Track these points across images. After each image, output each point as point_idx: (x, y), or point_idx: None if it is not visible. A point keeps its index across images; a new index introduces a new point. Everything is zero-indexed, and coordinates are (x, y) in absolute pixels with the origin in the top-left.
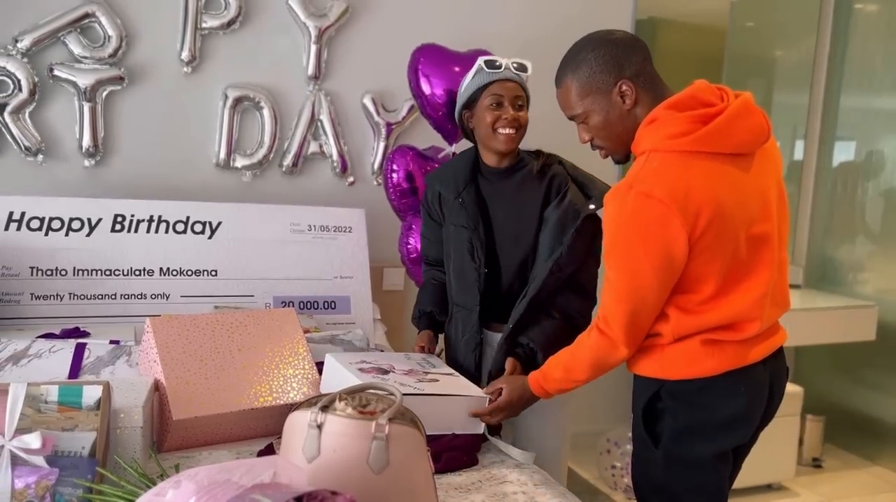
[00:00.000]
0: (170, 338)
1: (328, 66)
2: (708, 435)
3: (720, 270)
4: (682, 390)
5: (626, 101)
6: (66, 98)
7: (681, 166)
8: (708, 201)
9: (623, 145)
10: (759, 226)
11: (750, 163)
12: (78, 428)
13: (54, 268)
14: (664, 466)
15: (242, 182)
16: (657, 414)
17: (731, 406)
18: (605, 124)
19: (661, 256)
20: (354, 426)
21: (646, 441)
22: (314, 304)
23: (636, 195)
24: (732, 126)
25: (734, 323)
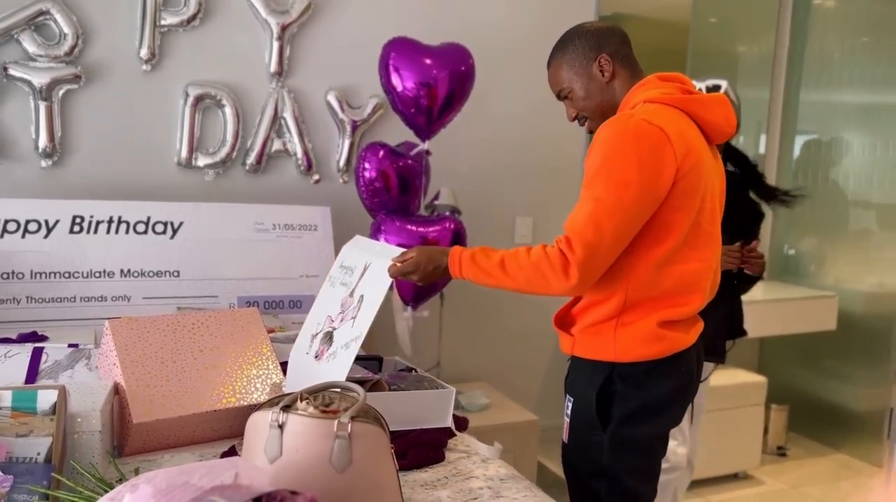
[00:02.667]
0: (129, 341)
1: (291, 63)
2: (654, 417)
3: (687, 223)
4: (631, 373)
5: (604, 73)
6: (21, 97)
7: (674, 114)
8: (694, 149)
9: (602, 115)
10: (714, 202)
11: (714, 154)
12: (33, 433)
13: (10, 272)
14: (610, 449)
15: (205, 181)
16: (609, 397)
17: (670, 387)
18: (586, 95)
19: (651, 176)
20: (316, 425)
21: (594, 424)
22: (279, 304)
23: (638, 121)
24: (711, 104)
25: (682, 293)
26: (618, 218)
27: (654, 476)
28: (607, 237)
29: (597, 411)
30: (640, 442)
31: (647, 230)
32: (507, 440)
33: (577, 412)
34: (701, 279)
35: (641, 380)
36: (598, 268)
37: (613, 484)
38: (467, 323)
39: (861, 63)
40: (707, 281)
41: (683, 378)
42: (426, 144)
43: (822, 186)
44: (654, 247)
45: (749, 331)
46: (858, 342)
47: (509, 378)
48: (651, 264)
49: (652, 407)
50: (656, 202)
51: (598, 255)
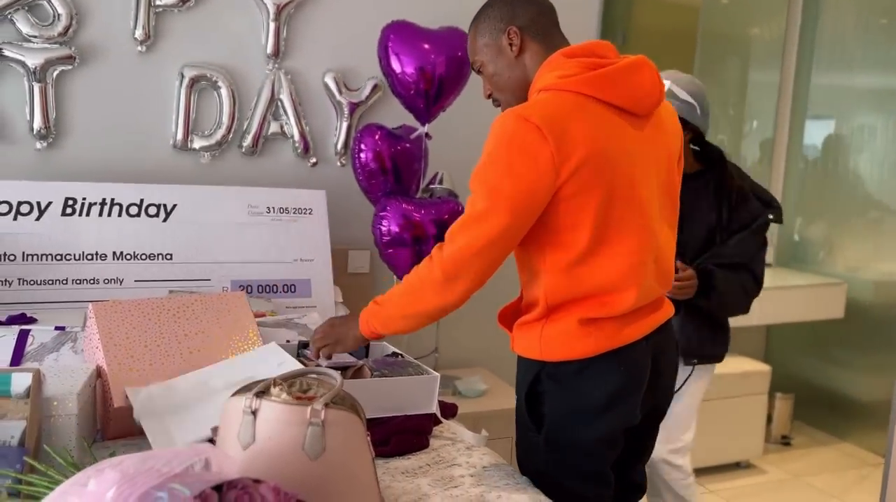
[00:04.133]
0: (113, 324)
1: (288, 45)
2: (588, 420)
3: (593, 221)
4: (560, 372)
5: (512, 48)
6: (15, 78)
7: (566, 102)
8: (586, 140)
9: (514, 97)
10: (639, 189)
11: (643, 125)
12: (6, 417)
13: (2, 254)
14: (546, 451)
15: (201, 164)
16: (538, 397)
17: (608, 387)
18: (495, 71)
19: (523, 185)
20: (289, 412)
21: (528, 425)
22: (273, 288)
23: (515, 117)
24: (619, 77)
25: (607, 292)
26: (489, 226)
27: (602, 480)
28: (477, 244)
29: (528, 411)
30: (577, 444)
31: (549, 233)
32: (504, 426)
33: (517, 411)
34: (629, 275)
35: (570, 381)
36: (467, 272)
37: (554, 487)
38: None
39: (875, 44)
40: (641, 275)
41: (624, 377)
42: (425, 127)
43: (833, 171)
44: (559, 251)
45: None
46: (866, 331)
47: (509, 364)
48: (561, 269)
49: (586, 408)
50: (535, 207)
51: (468, 263)
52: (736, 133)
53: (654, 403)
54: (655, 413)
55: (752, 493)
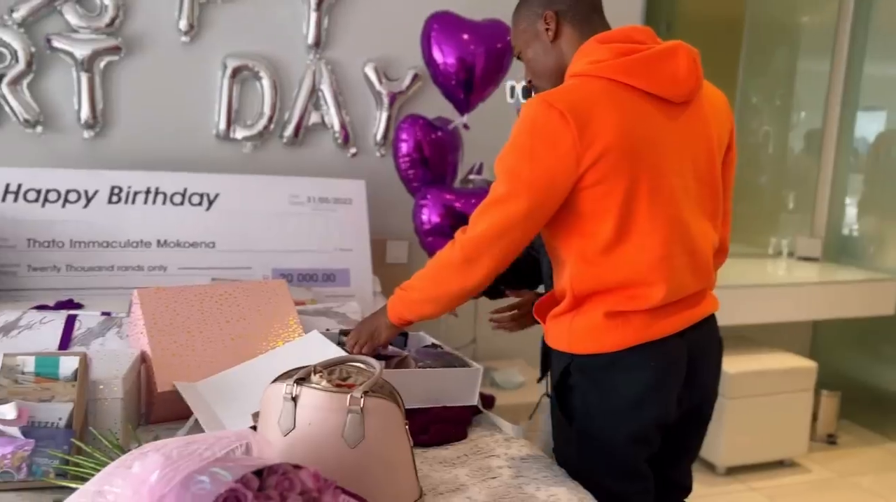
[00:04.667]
0: (157, 310)
1: (329, 35)
2: (617, 415)
3: (618, 211)
4: (588, 365)
5: (548, 32)
6: (63, 69)
7: (594, 88)
8: (612, 128)
9: (551, 83)
10: (670, 180)
11: (678, 114)
12: (55, 399)
13: (51, 240)
14: (579, 444)
15: (243, 153)
16: (569, 390)
17: (638, 382)
18: (533, 57)
19: (543, 170)
20: (329, 399)
21: (560, 418)
22: (313, 277)
23: (539, 102)
24: (652, 63)
25: (634, 285)
26: (508, 211)
27: (634, 476)
28: (496, 229)
29: (559, 404)
30: (607, 439)
31: (573, 222)
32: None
33: (550, 403)
34: (657, 269)
35: (600, 374)
36: (486, 258)
37: (589, 479)
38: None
39: None
40: (671, 269)
41: (657, 372)
42: (464, 118)
43: (884, 165)
44: (584, 240)
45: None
46: None
47: None
48: (586, 258)
49: (615, 403)
50: (555, 194)
51: (488, 246)
52: (782, 124)
53: (693, 403)
54: (697, 412)
55: (795, 492)
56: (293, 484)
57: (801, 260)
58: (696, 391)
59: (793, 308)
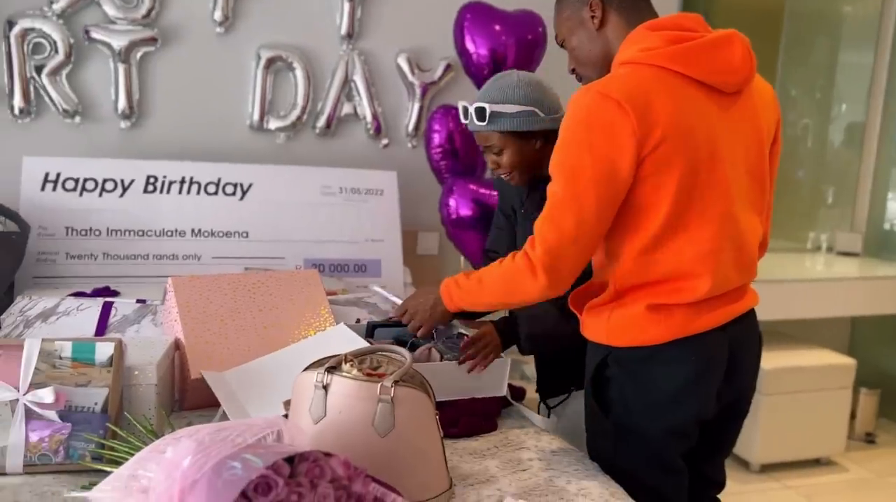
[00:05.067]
0: (190, 298)
1: (362, 25)
2: (655, 409)
3: (671, 203)
4: (627, 358)
5: (594, 20)
6: (101, 60)
7: (648, 76)
8: (667, 117)
9: (597, 71)
10: (722, 171)
11: (730, 104)
12: (91, 384)
13: (88, 229)
14: (614, 437)
15: (276, 144)
16: (605, 382)
17: (678, 376)
18: (578, 45)
19: (606, 163)
20: (359, 387)
21: (595, 410)
22: (344, 267)
23: (593, 94)
24: (705, 52)
25: (679, 278)
26: (576, 212)
27: (671, 470)
28: (567, 234)
29: (595, 396)
30: (645, 433)
31: (624, 215)
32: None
33: (585, 395)
34: (704, 262)
35: (638, 368)
36: (567, 266)
37: (623, 473)
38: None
39: None
40: (717, 263)
41: (698, 367)
42: None
43: None
44: (634, 234)
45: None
46: None
47: None
48: (634, 252)
49: (654, 397)
50: (620, 187)
51: (564, 254)
52: (822, 116)
53: (732, 397)
54: (735, 408)
55: (832, 491)
56: (324, 471)
57: (840, 255)
58: (734, 386)
59: (831, 304)
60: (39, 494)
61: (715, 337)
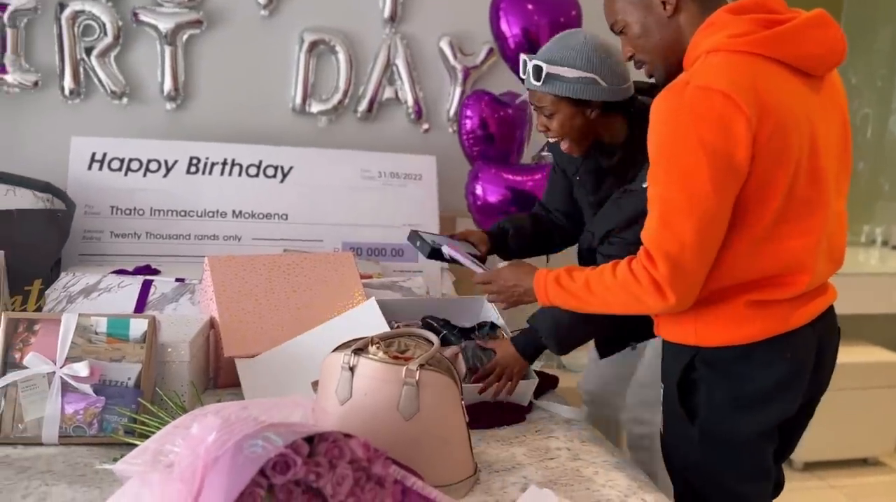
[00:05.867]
0: (226, 277)
1: (405, 9)
2: (749, 409)
3: (780, 196)
4: (718, 358)
5: (666, 6)
6: (148, 42)
7: (745, 63)
8: (776, 105)
9: (663, 59)
10: (822, 160)
11: (819, 88)
12: (125, 359)
13: (132, 208)
14: (702, 443)
15: (317, 127)
16: (692, 386)
17: (773, 375)
18: (643, 32)
19: (722, 158)
20: (385, 370)
21: (680, 416)
22: (382, 251)
23: (694, 89)
24: (801, 34)
25: (783, 273)
26: (694, 216)
27: (761, 474)
28: (689, 241)
29: (681, 401)
30: (734, 437)
31: (738, 209)
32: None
33: (665, 400)
34: (804, 256)
35: (729, 368)
36: (693, 276)
37: (710, 482)
38: None
39: None
40: (817, 255)
41: (790, 365)
42: None
43: None
44: (740, 231)
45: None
46: None
47: None
48: (739, 250)
49: (746, 398)
50: (738, 183)
51: (688, 264)
52: (883, 106)
53: (810, 396)
54: (809, 407)
55: (878, 492)
56: (343, 452)
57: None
58: (815, 384)
59: (884, 300)
60: (72, 465)
61: (806, 333)
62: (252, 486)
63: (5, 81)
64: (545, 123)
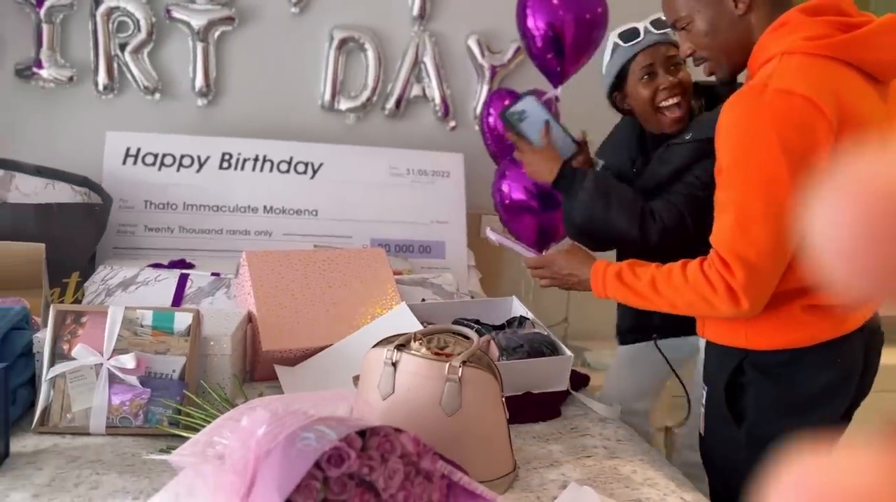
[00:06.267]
0: (263, 272)
1: (434, 6)
2: (797, 413)
3: None
4: (767, 362)
5: (738, 4)
6: (181, 38)
7: (822, 67)
8: (852, 110)
9: (728, 58)
10: None
11: (886, 92)
12: (169, 352)
13: (166, 202)
14: (748, 446)
15: (345, 124)
16: (740, 389)
17: (822, 380)
18: (710, 30)
19: (803, 162)
20: (428, 366)
21: (726, 419)
22: (409, 248)
23: (774, 92)
24: (876, 40)
25: None
26: (772, 222)
27: None
28: (767, 247)
29: (728, 403)
30: (784, 440)
31: None
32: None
33: (709, 403)
34: None
35: (780, 372)
36: (767, 282)
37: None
38: None
39: None
40: None
41: (840, 371)
42: (558, 90)
43: None
44: None
45: None
46: None
47: None
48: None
49: (794, 403)
50: None
51: (764, 271)
52: None
53: (852, 401)
54: (851, 411)
55: None
56: (394, 446)
57: None
58: (859, 388)
59: None
60: (120, 455)
61: (855, 338)
62: (308, 479)
63: (41, 76)
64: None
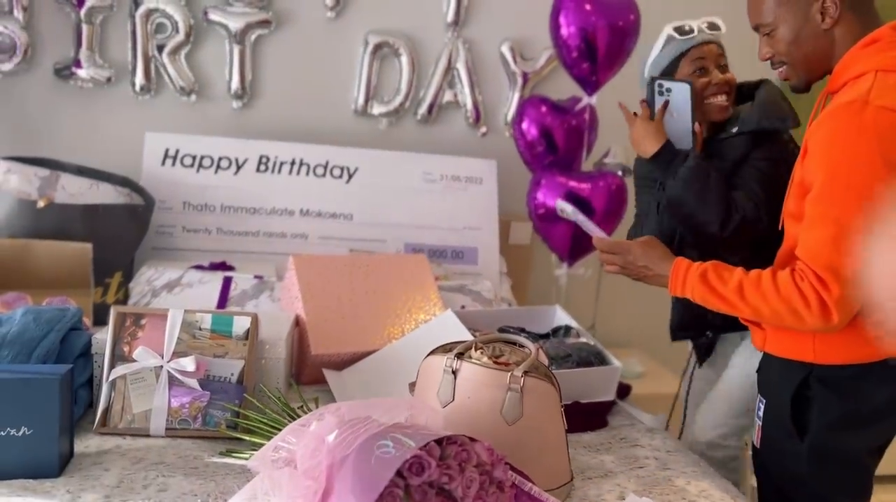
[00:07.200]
0: (311, 277)
1: (468, 13)
2: (862, 428)
3: None
4: (834, 376)
5: (825, 18)
6: (217, 41)
7: None
8: None
9: (806, 68)
10: None
11: None
12: (228, 355)
13: (204, 204)
14: (810, 460)
15: (378, 129)
16: (805, 403)
17: (886, 394)
18: (793, 39)
19: None
20: (489, 375)
21: (790, 432)
22: (442, 253)
23: (877, 110)
24: None
25: None
26: (871, 239)
27: (864, 493)
28: (861, 264)
29: (792, 417)
30: (844, 455)
31: None
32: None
33: (769, 416)
34: None
35: (846, 386)
36: (859, 300)
37: (814, 497)
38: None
39: None
40: None
41: None
42: (593, 98)
43: None
44: None
45: None
46: None
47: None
48: None
49: (859, 417)
50: None
51: (858, 288)
52: None
53: None
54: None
55: None
56: (470, 455)
57: None
58: None
59: None
60: (182, 457)
61: None
62: (391, 487)
63: (80, 77)
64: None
